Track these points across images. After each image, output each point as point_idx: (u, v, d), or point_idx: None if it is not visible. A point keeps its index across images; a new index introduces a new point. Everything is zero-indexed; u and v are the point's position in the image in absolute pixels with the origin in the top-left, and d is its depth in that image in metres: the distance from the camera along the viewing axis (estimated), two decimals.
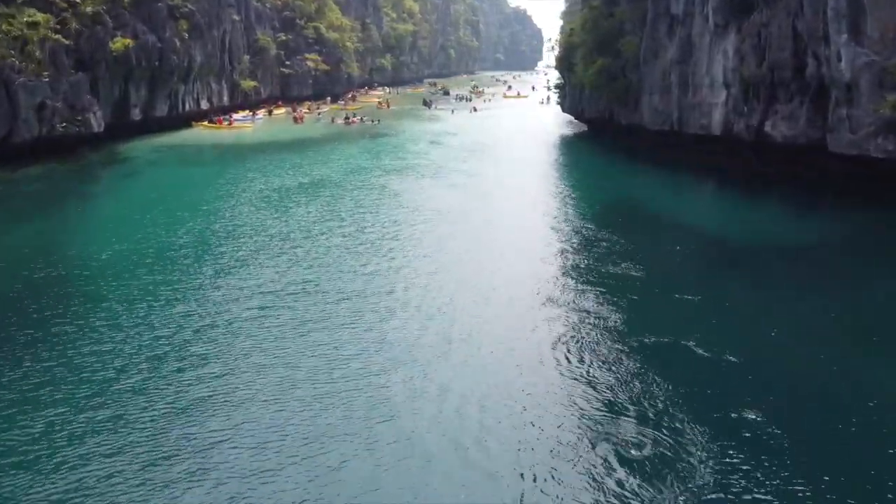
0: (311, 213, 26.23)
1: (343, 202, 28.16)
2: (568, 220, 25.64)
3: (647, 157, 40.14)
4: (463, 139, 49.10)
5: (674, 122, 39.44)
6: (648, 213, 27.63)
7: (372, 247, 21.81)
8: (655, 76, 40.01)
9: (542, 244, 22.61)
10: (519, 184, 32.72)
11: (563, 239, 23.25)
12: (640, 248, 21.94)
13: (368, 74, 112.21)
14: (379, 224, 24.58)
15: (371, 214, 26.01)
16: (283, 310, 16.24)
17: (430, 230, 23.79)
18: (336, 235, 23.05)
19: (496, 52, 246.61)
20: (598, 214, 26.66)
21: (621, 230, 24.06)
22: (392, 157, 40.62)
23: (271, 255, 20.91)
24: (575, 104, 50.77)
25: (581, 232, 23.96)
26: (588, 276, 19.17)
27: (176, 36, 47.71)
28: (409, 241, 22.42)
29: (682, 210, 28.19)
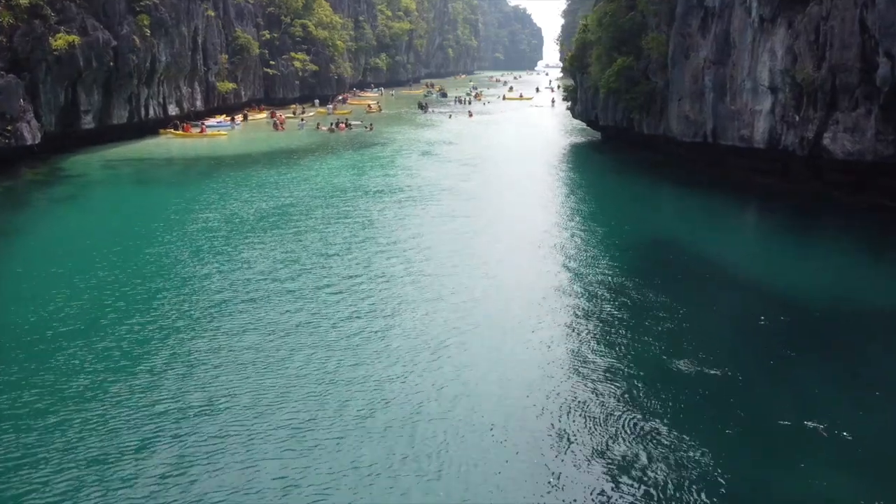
0: (268, 257, 20.51)
1: (309, 240, 22.45)
2: (582, 269, 19.81)
3: (676, 175, 34.46)
4: (460, 150, 43.37)
5: (707, 133, 33.79)
6: (683, 255, 21.88)
7: (335, 311, 16.19)
8: (686, 79, 34.32)
9: (550, 304, 16.97)
10: (522, 214, 26.91)
11: (576, 295, 17.63)
12: (678, 315, 16.40)
13: (362, 75, 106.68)
14: (347, 276, 18.90)
15: (339, 260, 20.31)
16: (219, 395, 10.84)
17: (411, 287, 18.10)
18: (291, 295, 17.38)
19: (495, 51, 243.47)
20: (620, 260, 20.87)
21: (652, 285, 18.44)
22: (378, 173, 34.88)
23: (203, 322, 15.31)
24: (588, 110, 45.07)
25: (599, 288, 18.23)
26: (614, 369, 13.54)
27: (135, 33, 41.94)
28: (383, 307, 16.74)
29: (726, 251, 22.43)
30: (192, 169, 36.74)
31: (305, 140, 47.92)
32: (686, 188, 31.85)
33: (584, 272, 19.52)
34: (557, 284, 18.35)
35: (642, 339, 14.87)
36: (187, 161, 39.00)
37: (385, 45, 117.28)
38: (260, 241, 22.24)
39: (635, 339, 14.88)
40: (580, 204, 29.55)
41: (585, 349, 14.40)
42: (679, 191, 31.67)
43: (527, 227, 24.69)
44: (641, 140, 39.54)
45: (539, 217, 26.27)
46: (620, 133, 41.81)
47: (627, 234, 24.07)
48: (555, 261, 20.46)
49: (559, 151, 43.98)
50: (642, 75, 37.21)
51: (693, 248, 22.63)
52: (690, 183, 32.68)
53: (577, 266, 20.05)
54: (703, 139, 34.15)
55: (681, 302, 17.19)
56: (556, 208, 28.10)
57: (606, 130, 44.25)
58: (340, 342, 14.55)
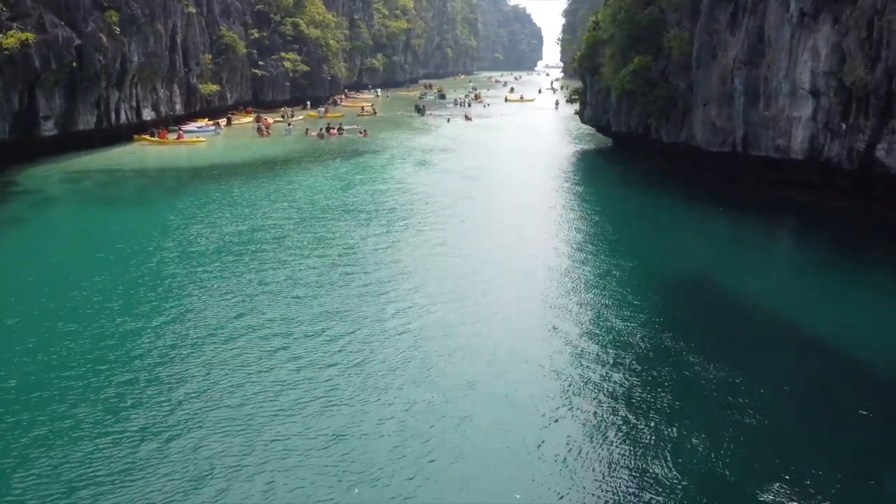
0: (219, 305, 16.80)
1: (274, 279, 18.68)
2: (595, 321, 16.14)
3: (699, 190, 30.72)
4: (458, 160, 39.61)
5: (737, 142, 30.11)
6: (711, 297, 18.19)
7: (290, 383, 12.52)
8: (712, 81, 30.61)
9: (562, 370, 13.35)
10: (525, 243, 23.00)
11: (589, 360, 13.96)
12: (708, 377, 12.97)
13: (357, 76, 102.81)
14: (312, 332, 15.19)
15: (306, 308, 16.59)
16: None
17: (392, 353, 14.38)
18: (234, 362, 13.69)
19: (495, 51, 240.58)
20: (638, 305, 17.10)
21: (679, 337, 14.93)
22: (366, 189, 31.08)
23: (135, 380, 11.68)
24: (598, 114, 41.34)
25: (616, 348, 14.61)
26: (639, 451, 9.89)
27: (102, 30, 38.18)
28: (352, 380, 13.06)
29: (763, 292, 18.48)
30: (159, 183, 32.93)
31: (291, 147, 44.14)
32: (712, 206, 28.06)
33: (597, 324, 15.81)
34: (567, 345, 14.65)
35: (666, 415, 11.25)
36: (156, 173, 35.21)
37: (382, 45, 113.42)
38: (215, 280, 18.50)
39: (658, 416, 11.24)
40: (591, 227, 25.45)
41: (605, 438, 10.72)
42: (704, 210, 27.83)
43: (531, 260, 20.83)
44: (659, 148, 35.82)
45: (545, 246, 22.33)
46: (635, 140, 38.08)
47: (645, 267, 20.24)
48: (563, 310, 16.68)
49: (566, 161, 40.17)
50: (661, 77, 33.48)
51: (723, 288, 18.91)
52: (716, 199, 28.93)
53: (589, 318, 16.25)
54: (731, 149, 30.46)
55: (712, 359, 13.70)
56: (563, 234, 24.09)
57: (619, 137, 40.53)
58: (295, 420, 10.90)
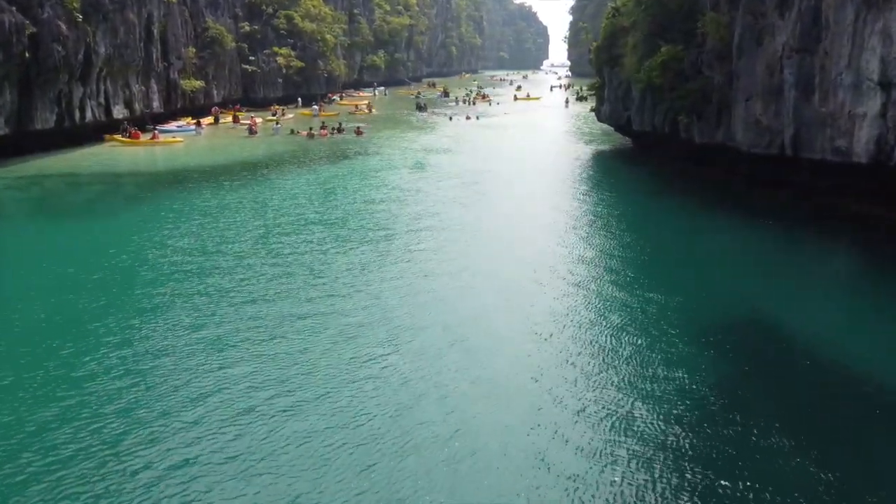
0: (152, 349, 12.66)
1: (226, 318, 14.47)
2: (631, 375, 11.98)
3: (740, 199, 26.43)
4: (460, 163, 35.30)
5: (785, 143, 25.74)
6: (778, 346, 13.94)
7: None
8: (757, 72, 26.27)
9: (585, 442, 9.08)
10: (536, 263, 18.65)
11: (625, 425, 9.76)
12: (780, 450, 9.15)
13: (357, 73, 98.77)
14: (267, 393, 10.99)
15: (260, 362, 12.38)
16: None
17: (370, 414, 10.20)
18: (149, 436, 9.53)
19: (500, 50, 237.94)
20: (682, 354, 12.97)
21: (741, 408, 10.81)
22: (352, 199, 26.73)
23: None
24: (617, 111, 37.02)
25: (657, 419, 10.44)
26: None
27: (61, 17, 34.02)
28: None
29: (846, 342, 14.18)
30: (115, 191, 28.73)
31: (277, 148, 39.90)
32: (757, 221, 23.60)
33: (632, 381, 11.56)
34: (596, 409, 10.40)
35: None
36: (115, 178, 30.96)
37: (383, 42, 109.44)
38: (155, 316, 14.29)
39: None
40: (614, 249, 20.59)
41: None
42: (748, 225, 23.37)
43: (543, 292, 16.51)
44: (689, 150, 31.50)
45: (559, 273, 17.95)
46: (660, 140, 33.76)
47: (681, 301, 15.84)
48: (585, 366, 12.41)
49: (581, 164, 35.73)
50: (693, 68, 29.17)
51: (782, 331, 14.56)
52: (762, 211, 24.58)
53: (620, 378, 11.98)
54: (778, 151, 26.08)
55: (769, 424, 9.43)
56: (580, 258, 19.46)
57: (640, 137, 36.20)
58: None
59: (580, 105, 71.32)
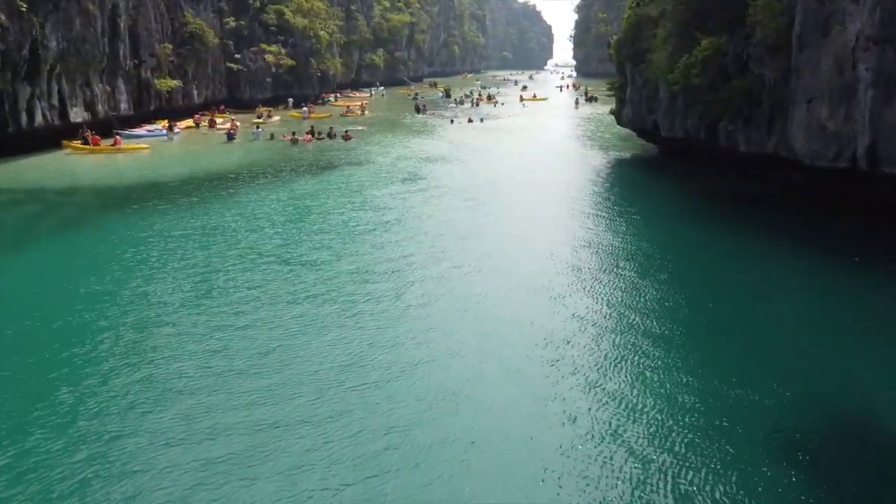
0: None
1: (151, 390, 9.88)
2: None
3: (802, 224, 21.58)
4: (460, 174, 30.56)
5: (859, 155, 20.99)
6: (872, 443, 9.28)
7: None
8: (822, 68, 21.54)
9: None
10: (551, 314, 14.00)
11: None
12: None
13: (355, 73, 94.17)
14: None
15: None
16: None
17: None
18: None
19: (503, 49, 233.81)
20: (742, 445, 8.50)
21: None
22: (328, 224, 21.84)
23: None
24: (641, 114, 32.35)
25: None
26: None
27: (1, 7, 29.46)
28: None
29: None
30: (50, 212, 24.14)
31: (254, 157, 35.22)
32: (836, 255, 18.72)
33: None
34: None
35: None
36: (52, 195, 26.32)
37: (383, 40, 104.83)
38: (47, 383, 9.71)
39: None
40: (647, 295, 15.17)
41: None
42: (824, 261, 18.42)
43: (556, 360, 11.83)
44: (730, 160, 26.81)
45: (579, 327, 13.24)
46: (693, 148, 29.08)
47: (740, 377, 11.17)
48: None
49: (600, 176, 30.78)
50: (738, 64, 24.48)
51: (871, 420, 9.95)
52: (838, 242, 19.78)
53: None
54: (849, 163, 21.35)
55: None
56: (605, 310, 14.41)
57: (669, 143, 31.49)
58: None
59: (591, 106, 66.69)
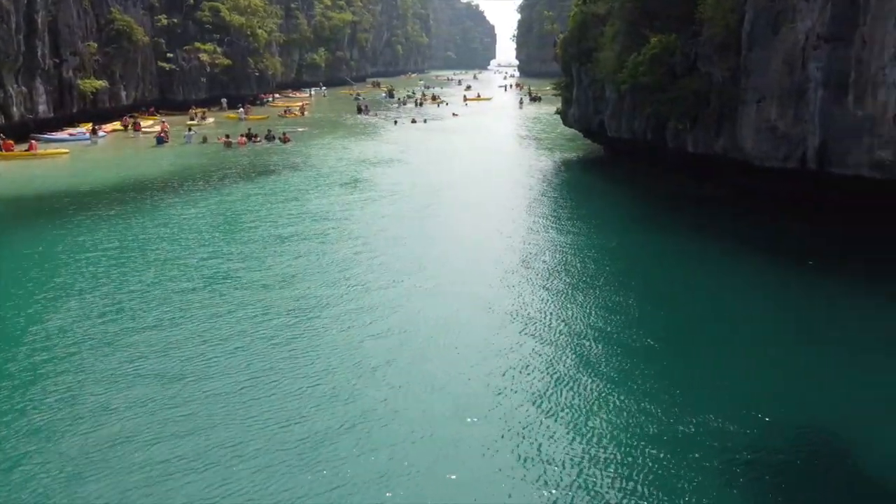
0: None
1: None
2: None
3: (762, 233, 20.97)
4: (404, 177, 29.33)
5: (809, 156, 20.61)
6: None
7: None
8: (772, 67, 21.07)
9: None
10: (494, 334, 13.01)
11: None
12: None
13: (295, 72, 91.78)
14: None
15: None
16: None
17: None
18: None
19: (447, 49, 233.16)
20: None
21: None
22: (262, 232, 20.25)
23: None
24: (587, 115, 31.67)
25: None
26: None
27: None
28: None
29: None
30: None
31: (184, 161, 33.19)
32: (781, 258, 18.13)
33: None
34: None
35: None
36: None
37: (324, 39, 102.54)
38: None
39: None
40: (601, 311, 13.82)
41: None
42: (769, 264, 17.83)
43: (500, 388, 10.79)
44: (679, 161, 26.28)
45: (528, 358, 12.13)
46: (641, 149, 28.49)
47: (693, 400, 10.41)
48: None
49: (546, 178, 29.79)
50: (686, 63, 23.89)
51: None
52: (786, 245, 19.28)
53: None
54: (799, 164, 20.95)
55: None
56: (554, 323, 13.35)
57: (616, 144, 30.88)
58: None
59: (535, 106, 66.30)
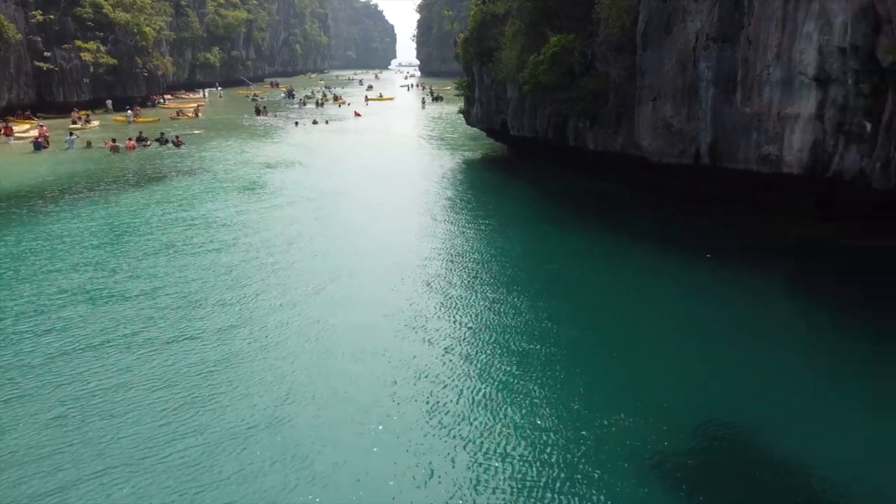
0: None
1: None
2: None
3: (661, 227, 21.56)
4: (305, 180, 28.42)
5: (702, 152, 21.40)
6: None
7: None
8: (666, 68, 21.69)
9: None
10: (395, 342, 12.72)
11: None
12: None
13: (188, 73, 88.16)
14: None
15: None
16: None
17: None
18: None
19: (347, 49, 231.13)
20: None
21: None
22: (154, 244, 18.89)
23: None
24: (490, 114, 31.77)
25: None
26: None
27: None
28: None
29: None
30: None
31: (67, 168, 30.84)
32: (681, 253, 18.69)
33: None
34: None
35: None
36: None
37: (218, 38, 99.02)
38: None
39: None
40: (509, 315, 13.69)
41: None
42: (670, 259, 18.40)
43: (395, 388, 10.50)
44: (581, 159, 26.71)
45: (436, 367, 11.91)
46: (544, 148, 28.80)
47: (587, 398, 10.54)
48: None
49: (449, 178, 29.57)
50: (586, 63, 24.28)
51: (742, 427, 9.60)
52: (685, 240, 19.84)
53: None
54: (693, 160, 21.71)
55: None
56: (463, 331, 13.08)
57: (520, 143, 31.12)
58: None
59: (438, 106, 66.36)
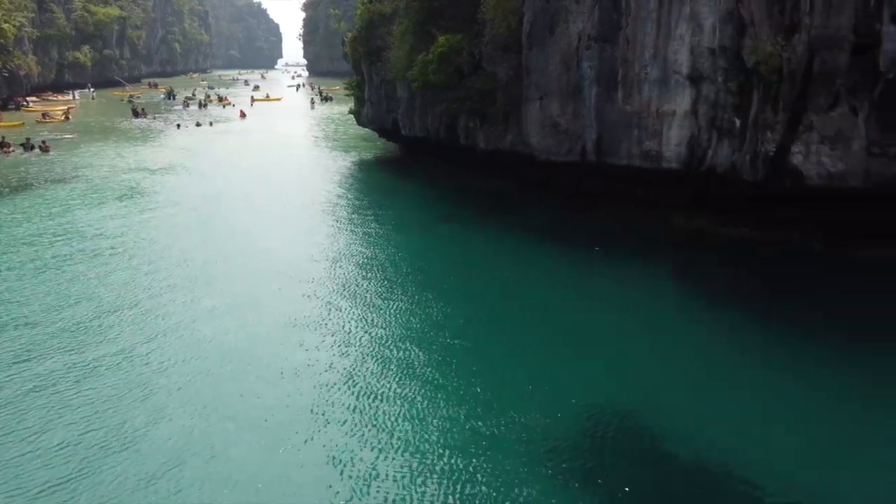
0: None
1: None
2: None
3: (553, 224, 22.02)
4: (188, 184, 27.19)
5: (588, 149, 22.09)
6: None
7: None
8: (550, 67, 22.22)
9: None
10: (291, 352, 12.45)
11: None
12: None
13: (55, 73, 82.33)
14: None
15: None
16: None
17: None
18: None
19: (230, 48, 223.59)
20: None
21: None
22: (20, 257, 17.47)
23: None
24: (381, 114, 31.50)
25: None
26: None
27: None
28: None
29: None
30: None
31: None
32: (571, 247, 19.23)
33: None
34: None
35: None
36: None
37: (89, 36, 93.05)
38: None
39: None
40: (408, 316, 14.05)
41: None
42: (562, 254, 18.86)
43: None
44: (471, 157, 26.94)
45: (334, 375, 11.78)
46: (435, 147, 28.86)
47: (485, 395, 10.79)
48: None
49: (341, 181, 29.05)
50: (474, 63, 24.51)
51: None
52: (576, 235, 20.45)
53: None
54: (580, 157, 22.37)
55: None
56: (361, 336, 13.11)
57: (411, 143, 31.04)
58: None
59: (327, 106, 65.31)
